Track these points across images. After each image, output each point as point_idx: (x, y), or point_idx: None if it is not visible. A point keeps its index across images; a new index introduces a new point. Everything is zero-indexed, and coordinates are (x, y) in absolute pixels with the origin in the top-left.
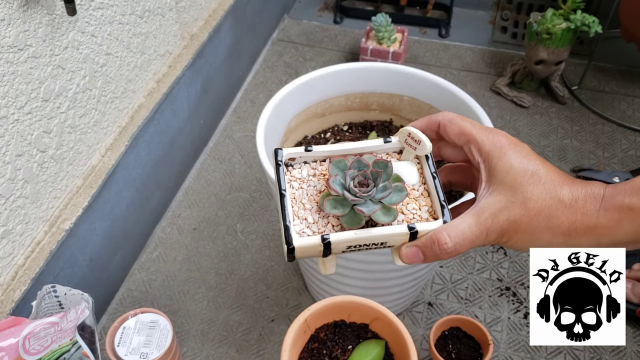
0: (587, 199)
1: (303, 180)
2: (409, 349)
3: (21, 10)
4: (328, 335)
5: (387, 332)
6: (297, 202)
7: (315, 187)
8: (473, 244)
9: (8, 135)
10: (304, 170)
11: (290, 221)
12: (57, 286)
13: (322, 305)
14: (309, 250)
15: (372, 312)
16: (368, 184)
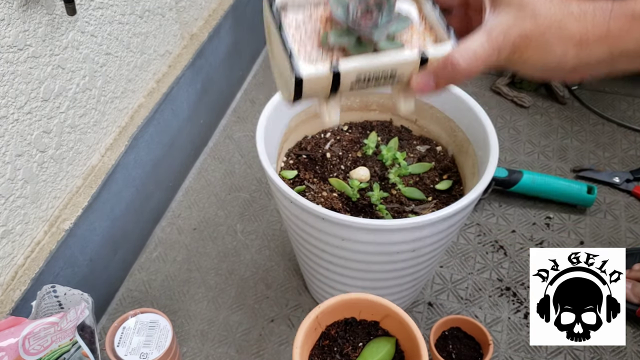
0: (595, 11)
1: (300, 24)
2: (419, 346)
3: (21, 10)
4: (339, 333)
5: (397, 330)
6: (296, 43)
7: (315, 30)
8: (485, 63)
9: (8, 135)
10: (300, 15)
11: (293, 49)
12: (56, 286)
13: (334, 302)
14: (317, 83)
15: (382, 310)
16: (372, 12)
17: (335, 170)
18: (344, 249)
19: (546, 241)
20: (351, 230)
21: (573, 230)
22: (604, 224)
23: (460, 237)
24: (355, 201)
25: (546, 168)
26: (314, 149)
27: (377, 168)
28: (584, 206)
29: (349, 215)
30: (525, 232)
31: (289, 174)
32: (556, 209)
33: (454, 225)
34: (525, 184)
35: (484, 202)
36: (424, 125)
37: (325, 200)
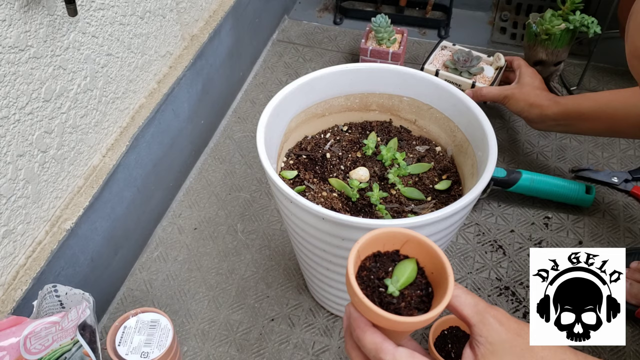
0: None
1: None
2: (440, 258)
3: (22, 11)
4: (371, 264)
5: (416, 252)
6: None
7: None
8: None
9: (9, 136)
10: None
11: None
12: (58, 286)
13: (367, 238)
14: None
15: (402, 237)
16: (468, 61)
17: (335, 171)
18: (344, 249)
19: (545, 241)
20: (351, 230)
21: (572, 230)
22: (603, 223)
23: (460, 237)
24: (355, 201)
25: (545, 168)
26: (314, 149)
27: (377, 168)
28: (583, 206)
29: (349, 215)
30: (524, 231)
31: (289, 174)
32: (555, 208)
33: (453, 225)
34: (524, 184)
35: (483, 202)
36: (423, 126)
37: (325, 200)
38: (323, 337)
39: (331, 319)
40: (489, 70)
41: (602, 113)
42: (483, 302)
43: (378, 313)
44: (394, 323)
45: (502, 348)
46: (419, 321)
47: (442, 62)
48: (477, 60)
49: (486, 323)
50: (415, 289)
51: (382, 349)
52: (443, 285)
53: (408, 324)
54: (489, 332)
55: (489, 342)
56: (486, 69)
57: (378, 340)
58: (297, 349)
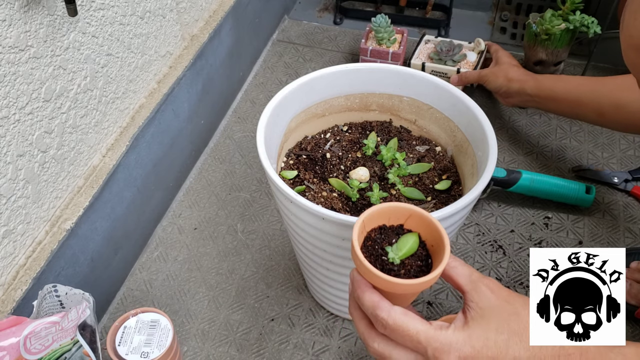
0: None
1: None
2: (440, 233)
3: (22, 11)
4: (376, 235)
5: (419, 226)
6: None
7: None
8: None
9: (9, 136)
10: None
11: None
12: (58, 286)
13: (373, 210)
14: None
15: (406, 212)
16: (450, 50)
17: (335, 171)
18: (344, 249)
19: (545, 241)
20: (351, 230)
21: (572, 230)
22: (603, 224)
23: (460, 237)
24: (355, 201)
25: (545, 168)
26: (314, 149)
27: (377, 168)
28: (583, 206)
29: (349, 215)
30: (524, 231)
31: (289, 174)
32: (555, 208)
33: (453, 225)
34: (524, 184)
35: (483, 202)
36: (423, 126)
37: (325, 200)
38: (323, 337)
39: (331, 319)
40: (471, 56)
41: (570, 95)
42: (477, 273)
43: (376, 274)
44: (391, 284)
45: (491, 312)
46: (415, 283)
47: (427, 55)
48: (459, 49)
49: (478, 290)
50: (415, 259)
51: (378, 306)
52: (441, 255)
53: (404, 286)
54: (480, 298)
55: (479, 307)
56: (469, 55)
57: (376, 299)
58: (297, 349)
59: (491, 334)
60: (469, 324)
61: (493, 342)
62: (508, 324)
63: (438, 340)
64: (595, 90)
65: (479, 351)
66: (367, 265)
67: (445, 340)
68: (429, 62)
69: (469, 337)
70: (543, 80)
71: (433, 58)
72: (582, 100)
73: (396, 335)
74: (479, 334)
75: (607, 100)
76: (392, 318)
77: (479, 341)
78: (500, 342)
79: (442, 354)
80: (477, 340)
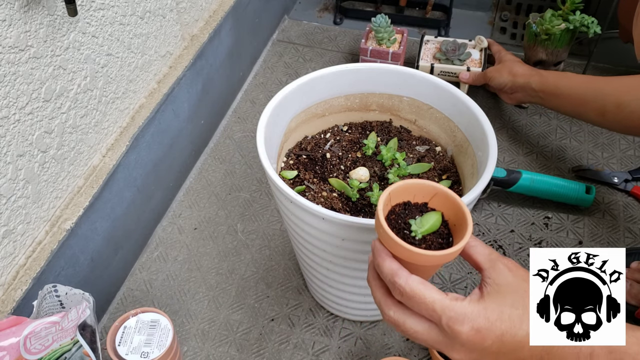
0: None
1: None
2: (464, 212)
3: (22, 11)
4: (400, 210)
5: (443, 206)
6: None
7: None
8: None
9: (9, 136)
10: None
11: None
12: (58, 286)
13: (399, 185)
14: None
15: (432, 190)
16: (455, 50)
17: (335, 171)
18: (344, 249)
19: (545, 241)
20: (351, 230)
21: (572, 230)
22: (603, 224)
23: None
24: (355, 201)
25: (545, 168)
26: (314, 149)
27: (377, 168)
28: (583, 206)
29: (349, 215)
30: (524, 231)
31: (289, 174)
32: (555, 208)
33: None
34: (524, 184)
35: (483, 202)
36: (423, 126)
37: (325, 200)
38: (323, 337)
39: (331, 319)
40: (475, 54)
41: (573, 92)
42: (497, 253)
43: (398, 242)
44: (411, 253)
45: (507, 289)
46: (434, 255)
47: (432, 56)
48: (464, 47)
49: (496, 268)
50: (437, 236)
51: (397, 273)
52: (463, 234)
53: (424, 256)
54: (497, 275)
55: (496, 283)
56: (473, 53)
57: (395, 267)
58: (297, 349)
59: (506, 309)
60: (485, 297)
61: (507, 316)
62: (523, 300)
63: (453, 310)
64: (599, 89)
65: (492, 323)
66: (390, 233)
67: (460, 310)
68: (435, 62)
69: (484, 310)
70: (548, 76)
71: (440, 59)
72: (585, 98)
73: (412, 302)
74: (494, 307)
75: (611, 99)
76: (409, 285)
77: (494, 314)
78: (514, 317)
79: (456, 324)
80: (491, 312)
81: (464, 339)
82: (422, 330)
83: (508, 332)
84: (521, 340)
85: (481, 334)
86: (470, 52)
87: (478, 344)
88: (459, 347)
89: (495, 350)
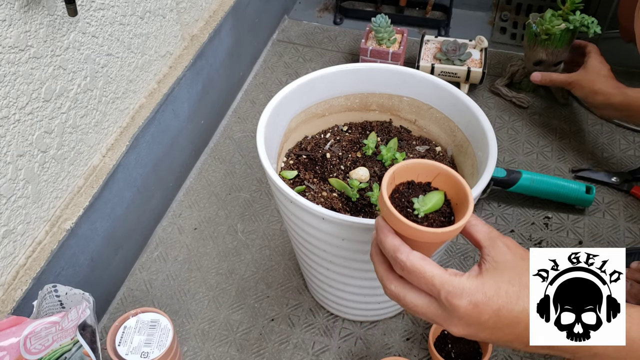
0: None
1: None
2: (465, 191)
3: (22, 11)
4: (404, 189)
5: (445, 185)
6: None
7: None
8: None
9: (9, 136)
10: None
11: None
12: (58, 286)
13: (403, 165)
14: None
15: (435, 170)
16: (456, 50)
17: (335, 171)
18: (344, 249)
19: (545, 241)
20: (351, 230)
21: (572, 230)
22: (603, 223)
23: (460, 237)
24: (355, 201)
25: (545, 168)
26: (314, 149)
27: (377, 168)
28: (583, 206)
29: (349, 215)
30: (524, 231)
31: (289, 174)
32: (555, 208)
33: None
34: (524, 184)
35: (483, 202)
36: (424, 126)
37: (325, 200)
38: (323, 337)
39: (331, 319)
40: (475, 54)
41: None
42: (496, 231)
43: (400, 219)
44: (413, 230)
45: (505, 266)
46: (436, 232)
47: (433, 56)
48: (464, 47)
49: (495, 246)
50: (439, 215)
51: (399, 249)
52: (464, 212)
53: (426, 233)
54: (496, 253)
55: (494, 260)
56: (473, 53)
57: (397, 243)
58: (297, 349)
59: (503, 285)
60: (483, 274)
61: (504, 292)
62: (520, 277)
63: (452, 285)
64: None
65: (490, 298)
66: (393, 211)
67: (458, 285)
68: (436, 63)
69: (482, 285)
70: (632, 95)
71: (440, 59)
72: None
73: (412, 277)
74: (491, 283)
75: None
76: (410, 260)
77: (491, 289)
78: (511, 293)
79: (454, 298)
80: (489, 288)
81: (462, 312)
82: (421, 304)
83: (504, 308)
84: (517, 316)
85: (478, 309)
86: (470, 52)
87: (475, 318)
88: (456, 321)
89: (492, 325)
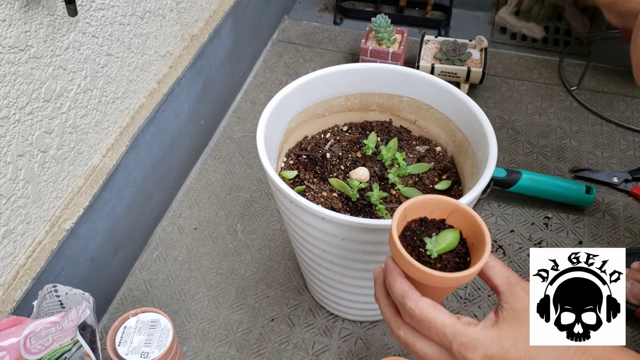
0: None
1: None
2: (482, 231)
3: (22, 11)
4: (416, 227)
5: (461, 223)
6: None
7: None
8: None
9: (9, 136)
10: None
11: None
12: (58, 286)
13: (415, 201)
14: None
15: (450, 207)
16: (456, 50)
17: (335, 171)
18: (344, 249)
19: (545, 241)
20: (351, 230)
21: (572, 230)
22: (603, 224)
23: None
24: (355, 201)
25: (545, 168)
26: (314, 149)
27: (377, 168)
28: (583, 206)
29: (349, 215)
30: (524, 232)
31: (289, 174)
32: (555, 208)
33: None
34: (524, 184)
35: (483, 202)
36: (423, 126)
37: (325, 200)
38: (323, 337)
39: (331, 319)
40: (475, 54)
41: None
42: (516, 276)
43: (411, 262)
44: (425, 275)
45: (524, 316)
46: (449, 277)
47: (433, 56)
48: (464, 47)
49: (514, 292)
50: (454, 255)
51: (407, 295)
52: (481, 253)
53: (438, 278)
54: (515, 300)
55: (513, 309)
56: (473, 53)
57: (406, 288)
58: (297, 349)
59: (522, 336)
60: (499, 323)
61: (522, 344)
62: None
63: (465, 336)
64: None
65: (507, 351)
66: (403, 253)
67: (472, 336)
68: (436, 63)
69: (497, 336)
70: None
71: (440, 59)
72: None
73: (422, 326)
74: (509, 334)
75: None
76: (419, 309)
77: (508, 341)
78: (530, 346)
79: (468, 350)
80: (506, 340)
81: None
82: (432, 353)
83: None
84: None
85: None
86: (470, 52)
87: None
88: None
89: None
